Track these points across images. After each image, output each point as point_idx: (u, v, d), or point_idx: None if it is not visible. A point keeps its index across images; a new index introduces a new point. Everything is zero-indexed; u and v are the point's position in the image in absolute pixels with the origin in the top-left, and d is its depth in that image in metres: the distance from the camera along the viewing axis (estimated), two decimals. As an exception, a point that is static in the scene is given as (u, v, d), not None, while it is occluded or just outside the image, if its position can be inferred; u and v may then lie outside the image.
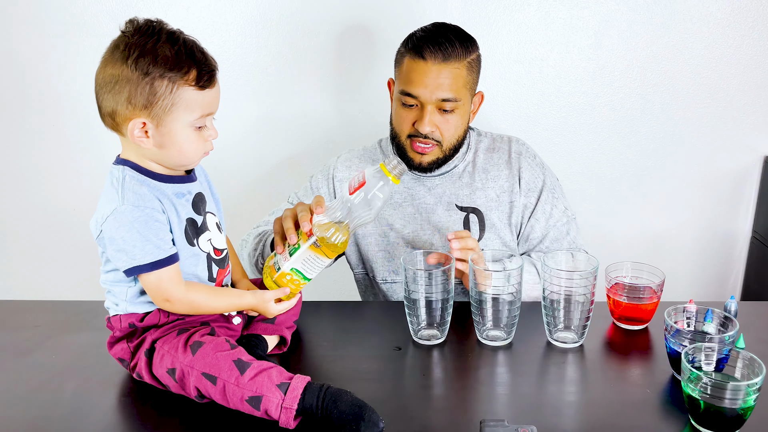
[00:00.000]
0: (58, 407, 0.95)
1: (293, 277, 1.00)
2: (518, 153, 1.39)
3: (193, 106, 0.91)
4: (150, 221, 0.90)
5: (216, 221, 1.02)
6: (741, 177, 1.90)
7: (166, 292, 0.93)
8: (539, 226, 1.37)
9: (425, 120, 1.26)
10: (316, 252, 0.99)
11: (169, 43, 0.88)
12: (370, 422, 0.82)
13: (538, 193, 1.37)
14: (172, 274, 0.93)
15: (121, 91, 0.88)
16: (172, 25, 0.92)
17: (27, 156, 1.88)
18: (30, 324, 1.19)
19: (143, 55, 0.87)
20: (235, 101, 1.79)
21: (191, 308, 0.96)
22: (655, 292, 1.13)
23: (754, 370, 0.87)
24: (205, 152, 0.97)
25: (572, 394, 0.97)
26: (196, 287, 0.96)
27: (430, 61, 1.24)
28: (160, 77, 0.87)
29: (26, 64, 1.78)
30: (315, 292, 1.96)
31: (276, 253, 1.04)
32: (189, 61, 0.89)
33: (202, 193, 1.01)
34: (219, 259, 1.01)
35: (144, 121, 0.90)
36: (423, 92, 1.25)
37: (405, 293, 1.09)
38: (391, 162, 0.99)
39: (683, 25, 1.74)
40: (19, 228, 1.95)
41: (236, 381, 0.87)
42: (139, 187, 0.92)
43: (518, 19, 1.73)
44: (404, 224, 1.38)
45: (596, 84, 1.79)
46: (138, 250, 0.90)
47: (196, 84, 0.90)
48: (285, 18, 1.73)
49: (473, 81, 1.30)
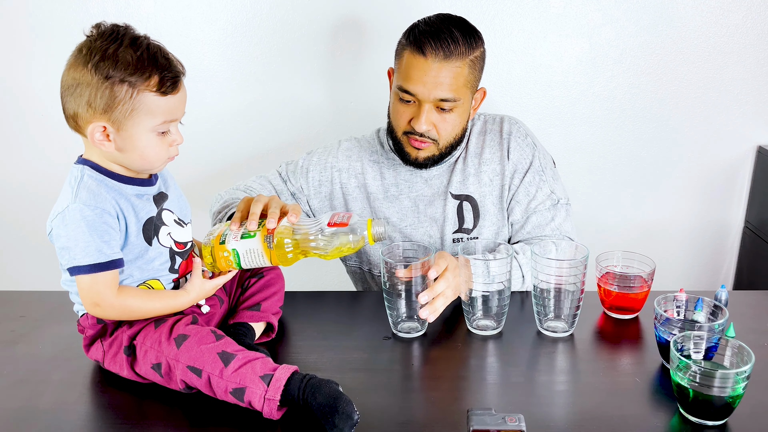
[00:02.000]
0: (44, 397, 0.95)
1: (229, 258, 0.99)
2: (509, 132, 1.34)
3: (155, 111, 0.89)
4: (98, 222, 0.89)
5: (174, 218, 1.00)
6: (734, 167, 1.89)
7: (97, 295, 0.91)
8: (519, 209, 1.32)
9: (422, 119, 1.22)
10: (265, 251, 0.97)
11: (131, 48, 0.87)
12: (344, 414, 0.82)
13: (523, 173, 1.32)
14: (108, 279, 0.91)
15: (82, 95, 0.87)
16: (139, 31, 0.91)
17: (9, 146, 1.86)
18: (15, 314, 1.18)
19: (104, 59, 0.86)
20: (224, 90, 1.78)
21: (123, 313, 0.94)
22: (645, 281, 1.13)
23: (743, 359, 0.86)
24: (170, 157, 0.95)
25: (562, 383, 0.97)
26: (129, 291, 0.94)
27: (430, 58, 1.18)
28: (120, 82, 0.87)
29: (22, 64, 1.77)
30: (309, 282, 1.96)
31: (231, 225, 1.01)
32: (151, 67, 0.88)
33: (164, 193, 1.00)
34: (182, 252, 1.00)
35: (104, 125, 0.89)
36: (421, 90, 1.20)
37: (384, 286, 1.08)
38: (378, 227, 0.97)
39: (676, 14, 1.73)
40: (2, 218, 1.94)
41: (220, 373, 0.87)
42: (96, 187, 0.91)
43: (511, 8, 1.72)
44: (401, 217, 1.36)
45: (589, 73, 1.78)
46: (80, 250, 0.89)
47: (158, 90, 0.89)
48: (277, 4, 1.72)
49: (475, 79, 1.25)
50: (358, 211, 1.38)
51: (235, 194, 1.32)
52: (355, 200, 1.38)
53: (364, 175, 1.38)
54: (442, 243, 1.36)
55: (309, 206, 1.40)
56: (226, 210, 1.26)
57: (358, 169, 1.38)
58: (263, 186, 1.38)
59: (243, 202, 1.06)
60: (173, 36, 1.73)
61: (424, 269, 1.05)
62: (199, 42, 1.74)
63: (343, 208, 1.39)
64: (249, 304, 1.07)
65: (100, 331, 0.98)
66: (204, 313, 1.03)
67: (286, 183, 1.39)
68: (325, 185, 1.39)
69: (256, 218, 1.00)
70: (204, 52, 1.75)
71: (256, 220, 1.00)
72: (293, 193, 1.38)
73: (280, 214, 1.00)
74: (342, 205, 1.39)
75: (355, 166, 1.38)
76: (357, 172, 1.38)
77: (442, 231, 1.35)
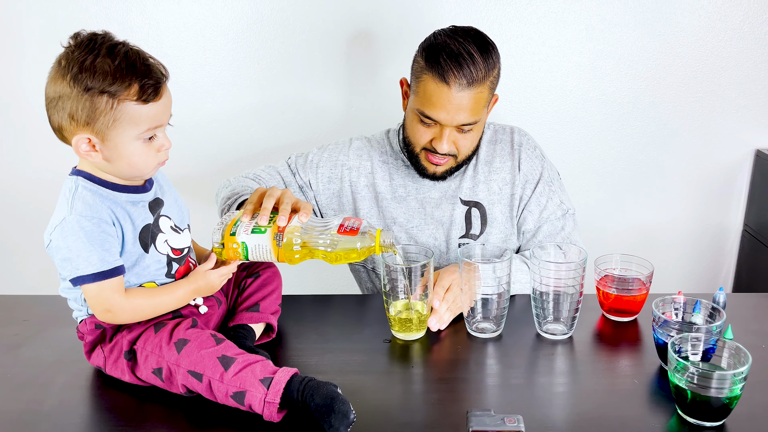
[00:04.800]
0: (46, 400, 0.95)
1: (237, 250, 0.99)
2: (519, 144, 1.37)
3: (137, 120, 0.89)
4: (96, 232, 0.90)
5: (171, 224, 1.00)
6: (732, 170, 1.90)
7: (107, 302, 0.92)
8: (531, 218, 1.35)
9: (443, 141, 1.23)
10: (273, 248, 0.98)
11: (109, 58, 0.86)
12: (340, 413, 0.82)
13: (534, 184, 1.35)
14: (114, 284, 0.92)
15: (63, 107, 0.87)
16: (117, 38, 0.89)
17: (14, 151, 1.87)
18: (18, 318, 1.19)
19: (82, 70, 0.85)
20: (226, 95, 1.79)
21: (135, 315, 0.95)
22: (644, 283, 1.13)
23: (740, 360, 0.87)
24: (160, 162, 0.95)
25: (561, 385, 0.98)
26: (135, 292, 0.95)
27: (453, 87, 1.17)
28: (100, 93, 0.86)
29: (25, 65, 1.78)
30: (310, 286, 1.96)
31: (242, 217, 1.01)
32: (130, 75, 0.87)
33: (159, 198, 1.00)
34: (178, 258, 1.01)
35: (89, 137, 0.89)
36: (444, 117, 1.20)
37: (383, 289, 1.08)
38: (388, 237, 0.98)
39: (674, 19, 1.74)
40: (6, 222, 1.95)
41: (220, 377, 0.87)
42: (91, 197, 0.91)
43: (510, 12, 1.73)
44: (408, 218, 1.37)
45: (588, 78, 1.80)
46: (82, 260, 0.89)
47: (139, 98, 0.87)
48: (277, 9, 1.73)
49: (492, 93, 1.26)
50: (366, 210, 1.39)
51: (244, 182, 1.32)
52: (364, 199, 1.39)
53: (373, 174, 1.39)
54: (448, 246, 1.37)
55: (316, 202, 1.41)
56: (236, 197, 1.26)
57: (368, 168, 1.39)
58: (271, 176, 1.38)
59: (255, 194, 1.05)
60: (174, 42, 1.74)
61: (424, 276, 1.06)
62: (200, 48, 1.75)
63: (351, 205, 1.40)
64: (247, 305, 1.08)
65: (99, 337, 0.98)
66: (202, 314, 1.03)
67: (295, 175, 1.40)
68: (335, 182, 1.39)
69: (267, 213, 0.99)
70: (206, 58, 1.76)
71: (268, 216, 0.99)
72: (301, 186, 1.39)
73: (291, 211, 1.00)
74: (350, 202, 1.39)
75: (365, 166, 1.39)
76: (367, 172, 1.39)
77: (448, 235, 1.36)
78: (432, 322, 1.10)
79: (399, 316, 1.08)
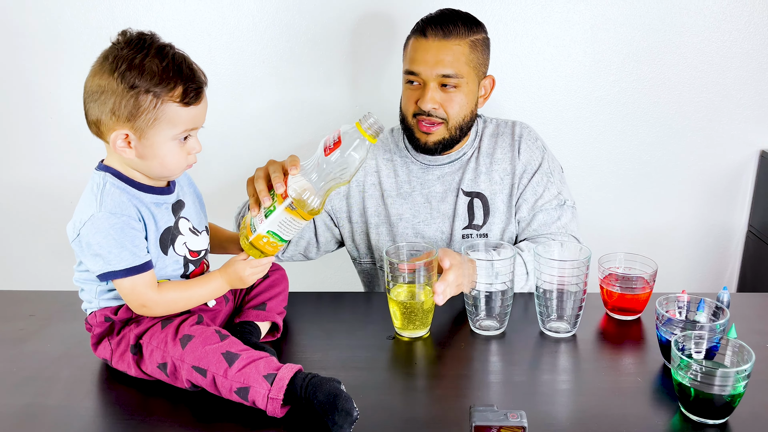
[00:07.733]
0: (52, 394, 0.96)
1: (270, 240, 0.97)
2: (520, 136, 1.39)
3: (176, 121, 0.91)
4: (126, 228, 0.91)
5: (189, 226, 1.01)
6: (737, 171, 1.90)
7: (141, 297, 0.94)
8: (526, 206, 1.36)
9: (427, 96, 1.27)
10: (293, 214, 0.95)
11: (157, 58, 0.88)
12: (343, 411, 0.83)
13: (532, 173, 1.36)
14: (146, 279, 0.93)
15: (106, 102, 0.89)
16: (164, 40, 0.92)
17: (24, 148, 1.89)
18: (25, 313, 1.20)
19: (130, 68, 0.87)
20: (232, 94, 1.79)
21: (168, 308, 0.96)
22: (647, 282, 1.13)
23: (743, 358, 0.87)
24: (188, 165, 0.97)
25: (564, 382, 0.98)
26: (168, 286, 0.96)
27: (431, 38, 1.26)
28: (146, 92, 0.88)
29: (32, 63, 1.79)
30: (313, 284, 1.97)
31: (251, 213, 1.00)
32: (176, 78, 0.89)
33: (182, 200, 1.01)
34: (195, 260, 1.02)
35: (126, 133, 0.90)
36: (423, 68, 1.26)
37: (387, 286, 1.09)
38: (367, 120, 0.93)
39: (679, 19, 1.74)
40: (14, 218, 1.96)
41: (225, 373, 0.88)
42: (119, 194, 0.93)
43: (515, 12, 1.73)
44: (414, 213, 1.38)
45: (592, 78, 1.79)
46: (114, 256, 0.91)
47: (182, 101, 0.90)
48: (282, 8, 1.74)
49: (478, 60, 1.30)
50: (373, 208, 1.40)
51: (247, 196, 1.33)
52: (371, 197, 1.40)
53: (378, 172, 1.40)
54: (452, 238, 1.38)
55: (330, 207, 1.42)
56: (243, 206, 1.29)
57: (373, 166, 1.41)
58: None
59: (249, 186, 1.05)
60: (179, 41, 1.74)
61: (426, 263, 1.06)
62: (205, 47, 1.76)
63: (359, 205, 1.41)
64: (254, 304, 1.09)
65: (107, 330, 0.99)
66: (210, 308, 1.04)
67: None
68: None
69: (265, 193, 0.97)
70: (211, 57, 1.77)
71: (268, 194, 0.97)
72: None
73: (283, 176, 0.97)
74: (357, 202, 1.41)
75: (370, 164, 1.41)
76: (372, 170, 1.41)
77: (452, 226, 1.37)
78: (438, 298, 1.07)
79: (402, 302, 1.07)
